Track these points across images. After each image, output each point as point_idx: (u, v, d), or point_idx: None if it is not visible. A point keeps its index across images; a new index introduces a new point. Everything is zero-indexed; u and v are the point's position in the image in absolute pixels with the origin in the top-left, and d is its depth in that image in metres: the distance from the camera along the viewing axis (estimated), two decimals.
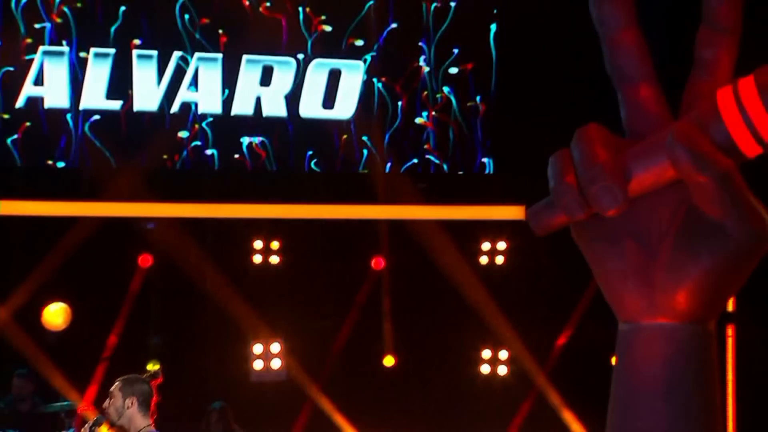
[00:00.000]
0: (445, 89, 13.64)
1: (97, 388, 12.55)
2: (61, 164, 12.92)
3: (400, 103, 13.59)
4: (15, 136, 12.77)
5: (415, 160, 13.67)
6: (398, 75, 13.58)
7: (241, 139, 13.29)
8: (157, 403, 6.60)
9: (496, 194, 13.05)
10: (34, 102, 12.72)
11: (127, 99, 12.89)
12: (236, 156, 13.32)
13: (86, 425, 6.54)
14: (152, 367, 12.75)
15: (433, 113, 13.62)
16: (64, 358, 12.75)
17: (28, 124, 12.76)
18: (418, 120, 13.62)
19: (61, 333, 13.17)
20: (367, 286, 13.59)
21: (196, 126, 13.15)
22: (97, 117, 12.87)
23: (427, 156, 13.68)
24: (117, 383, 6.58)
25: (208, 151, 13.26)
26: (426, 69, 13.59)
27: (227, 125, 13.19)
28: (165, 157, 13.15)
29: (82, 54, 12.85)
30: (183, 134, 13.13)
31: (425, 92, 13.63)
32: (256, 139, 13.30)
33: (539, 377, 13.35)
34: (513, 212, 12.72)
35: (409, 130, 13.62)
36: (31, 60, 12.68)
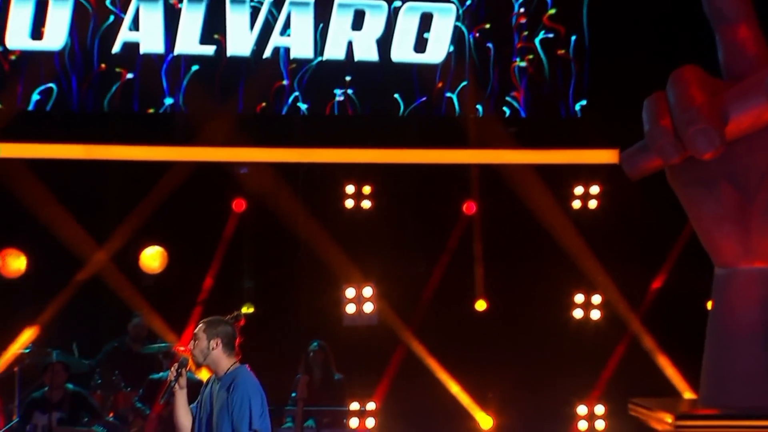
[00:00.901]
0: (539, 32, 13.48)
1: (193, 330, 12.77)
2: (156, 109, 13.07)
3: (491, 47, 13.47)
4: (111, 81, 12.93)
5: (507, 105, 13.56)
6: (491, 18, 13.45)
7: (333, 84, 13.30)
8: (240, 344, 6.69)
9: (590, 138, 12.91)
10: (130, 48, 12.86)
11: (221, 44, 12.98)
12: (328, 101, 13.35)
13: (173, 367, 6.64)
14: (246, 310, 12.96)
15: (527, 57, 13.48)
16: (160, 301, 13.00)
17: (123, 69, 12.92)
18: (511, 64, 13.50)
19: (157, 276, 13.40)
20: (459, 230, 13.58)
21: (288, 71, 13.19)
22: (191, 62, 12.97)
23: (519, 100, 13.57)
24: (201, 325, 6.69)
25: (300, 96, 13.30)
26: (519, 12, 13.44)
27: (319, 70, 13.21)
28: (258, 102, 13.23)
29: None
30: (275, 79, 13.18)
31: (518, 35, 13.48)
32: (348, 84, 13.31)
33: (633, 322, 13.25)
34: (606, 156, 12.59)
35: (501, 74, 13.51)
36: (128, 4, 12.81)
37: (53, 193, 12.58)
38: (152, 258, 13.40)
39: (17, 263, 13.10)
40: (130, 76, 12.84)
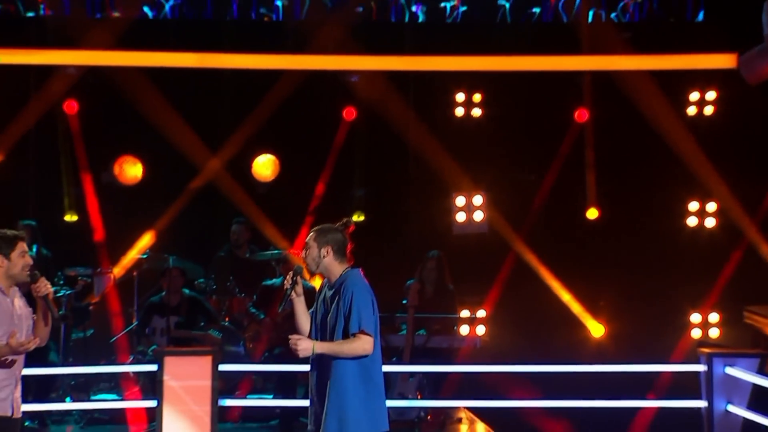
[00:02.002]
0: None
1: (305, 238, 12.91)
2: (267, 17, 13.10)
3: None
4: None
5: (620, 8, 13.29)
6: None
7: None
8: (351, 250, 6.75)
9: (707, 42, 12.61)
10: None
11: None
12: (439, 8, 13.23)
13: (288, 276, 6.74)
14: (357, 218, 13.06)
15: None
16: (272, 209, 13.17)
17: None
18: None
19: (269, 184, 13.56)
20: (570, 138, 13.45)
21: None
22: None
23: (633, 3, 13.28)
24: (311, 234, 6.75)
25: (413, 4, 13.21)
26: None
27: None
28: (369, 9, 13.17)
29: None
30: None
31: None
32: None
33: (749, 229, 13.04)
34: (724, 61, 12.27)
35: None
36: None
37: (169, 101, 12.75)
38: (264, 166, 13.54)
39: (134, 170, 13.36)
40: None
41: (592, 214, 13.49)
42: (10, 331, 6.46)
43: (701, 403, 10.17)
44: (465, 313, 11.84)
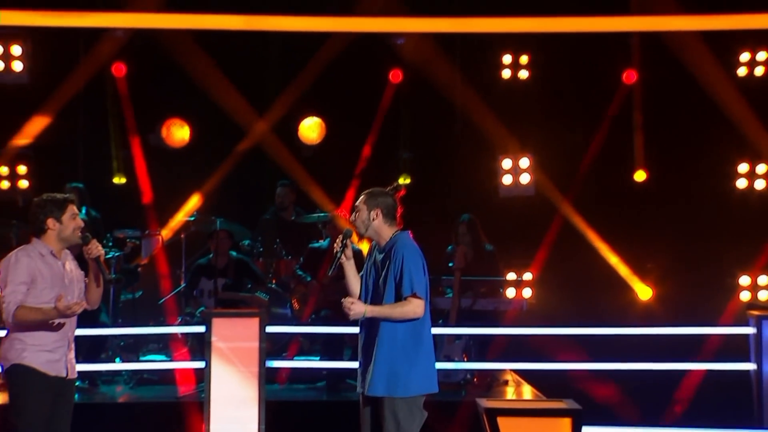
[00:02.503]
0: None
1: (351, 201, 12.95)
2: None
3: None
4: None
5: None
6: None
7: None
8: (402, 214, 6.76)
9: (758, 1, 12.43)
10: None
11: None
12: None
13: (339, 238, 6.76)
14: (403, 181, 13.05)
15: None
16: (318, 171, 13.19)
17: None
18: None
19: (316, 146, 13.57)
20: (618, 100, 13.34)
21: None
22: None
23: None
24: (362, 197, 6.78)
25: None
26: None
27: None
28: None
29: None
30: None
31: None
32: None
33: None
34: None
35: None
36: None
37: (216, 63, 12.78)
38: (311, 129, 13.56)
39: (181, 133, 13.42)
40: None
41: (640, 176, 13.40)
42: (59, 295, 6.53)
43: (750, 366, 10.11)
44: (511, 276, 11.82)
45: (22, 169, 12.91)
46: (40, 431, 6.52)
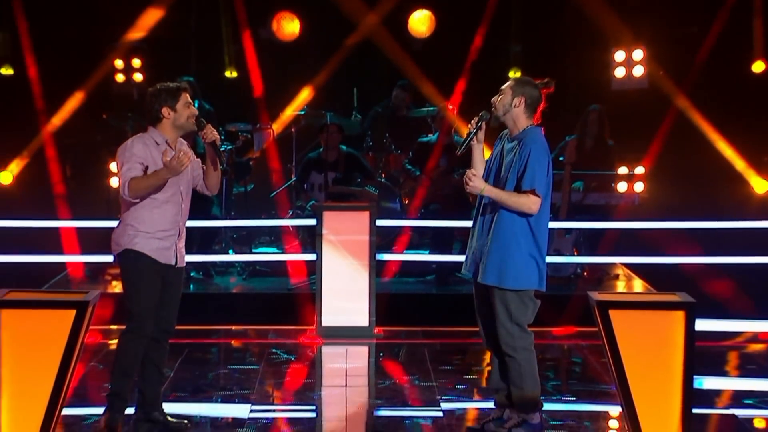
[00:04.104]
0: None
1: (460, 94, 12.86)
2: None
3: None
4: None
5: None
6: None
7: None
8: (543, 110, 6.68)
9: None
10: None
11: None
12: None
13: (474, 119, 6.73)
14: (513, 74, 12.89)
15: None
16: (428, 65, 13.10)
17: None
18: None
19: (425, 40, 13.47)
20: None
21: None
22: None
23: None
24: (510, 82, 6.72)
25: None
26: None
27: None
28: None
29: None
30: None
31: None
32: None
33: None
34: None
35: None
36: None
37: None
38: (420, 22, 13.45)
39: (292, 26, 13.42)
40: None
41: (758, 67, 13.03)
42: (164, 150, 6.56)
43: None
44: (623, 170, 11.67)
45: (136, 62, 13.07)
46: (151, 314, 6.67)
